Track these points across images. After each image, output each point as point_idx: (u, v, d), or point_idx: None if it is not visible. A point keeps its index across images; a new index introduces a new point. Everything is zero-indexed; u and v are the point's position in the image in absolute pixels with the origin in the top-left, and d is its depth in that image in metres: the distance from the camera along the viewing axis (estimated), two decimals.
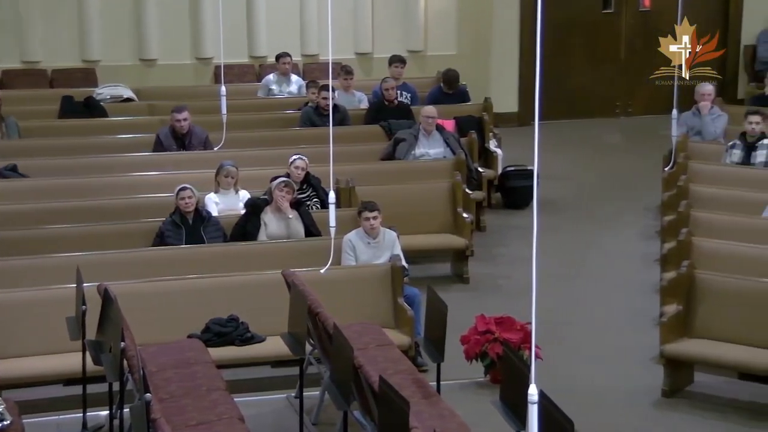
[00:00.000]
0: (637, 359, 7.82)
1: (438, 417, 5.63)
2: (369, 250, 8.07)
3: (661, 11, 14.46)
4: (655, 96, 14.24)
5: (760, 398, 6.88)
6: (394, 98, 11.56)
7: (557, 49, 14.29)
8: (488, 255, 10.12)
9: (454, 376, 7.20)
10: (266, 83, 12.71)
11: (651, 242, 10.10)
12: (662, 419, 7.01)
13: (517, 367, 5.72)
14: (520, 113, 14.36)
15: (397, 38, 13.96)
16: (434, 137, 10.64)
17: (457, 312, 7.21)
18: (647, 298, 8.79)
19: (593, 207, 11.53)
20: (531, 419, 4.05)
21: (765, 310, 7.09)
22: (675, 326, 7.29)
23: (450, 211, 9.71)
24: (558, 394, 5.11)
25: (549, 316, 7.94)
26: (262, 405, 7.09)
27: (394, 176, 10.00)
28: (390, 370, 6.08)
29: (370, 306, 7.61)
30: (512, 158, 11.59)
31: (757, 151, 9.79)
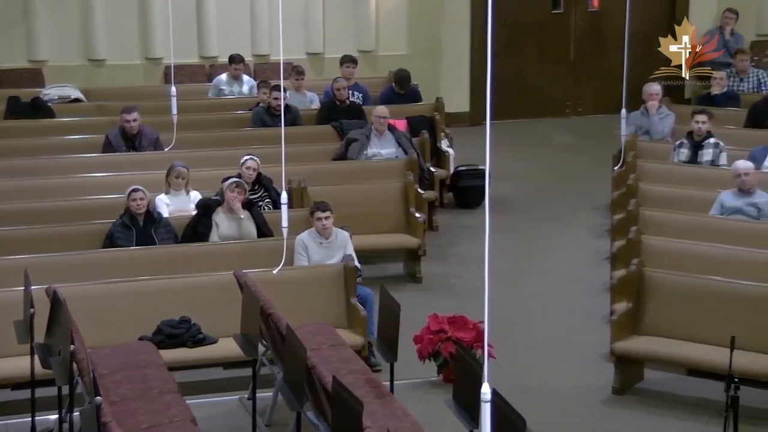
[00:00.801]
0: (588, 357, 7.89)
1: (391, 417, 5.63)
2: (321, 251, 8.06)
3: (610, 12, 14.60)
4: (604, 96, 14.39)
5: (708, 394, 6.97)
6: (346, 98, 11.55)
7: (508, 49, 14.37)
8: (441, 254, 10.15)
9: (408, 376, 7.21)
10: (217, 84, 12.64)
11: (601, 241, 10.19)
12: (612, 416, 7.08)
13: (469, 366, 5.75)
14: (472, 113, 14.41)
15: (348, 38, 13.94)
16: (386, 137, 10.65)
17: (410, 311, 7.22)
18: (598, 296, 8.87)
19: (544, 206, 11.61)
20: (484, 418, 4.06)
21: (712, 307, 7.18)
22: (625, 324, 7.37)
23: (402, 211, 9.73)
24: (510, 392, 5.13)
25: (501, 314, 7.98)
26: (214, 407, 7.05)
27: (346, 176, 10.00)
28: (343, 371, 6.08)
29: (322, 306, 7.60)
30: (464, 158, 11.64)
31: (704, 150, 9.92)
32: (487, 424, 4.03)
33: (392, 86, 12.32)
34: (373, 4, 14.12)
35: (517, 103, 14.53)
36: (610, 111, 12.73)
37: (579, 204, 11.54)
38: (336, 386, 5.21)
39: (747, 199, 8.67)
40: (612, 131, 11.68)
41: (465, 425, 5.67)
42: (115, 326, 7.18)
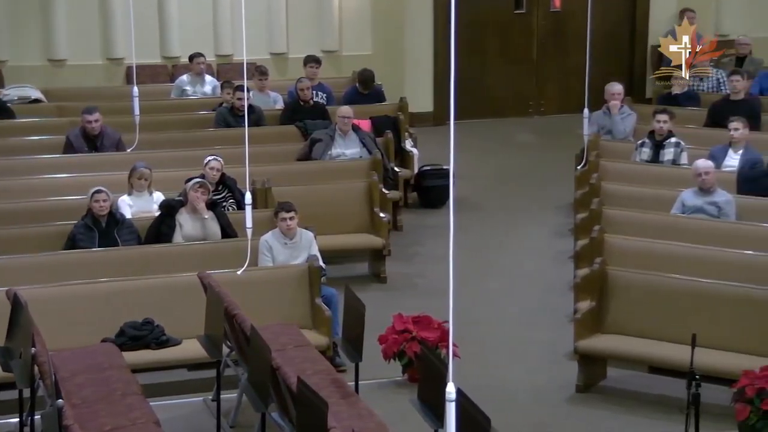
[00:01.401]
0: (552, 355, 7.93)
1: (356, 417, 5.63)
2: (286, 251, 8.05)
3: (572, 12, 14.68)
4: (566, 95, 14.47)
5: (669, 391, 7.03)
6: (310, 98, 11.54)
7: (471, 49, 14.41)
8: (405, 254, 10.16)
9: (373, 376, 7.21)
10: (180, 84, 12.57)
11: (564, 240, 10.25)
12: (576, 414, 7.12)
13: (434, 366, 5.76)
14: (436, 113, 14.44)
15: (312, 38, 13.92)
16: (350, 137, 10.65)
17: (375, 311, 7.22)
18: (561, 295, 8.92)
19: (508, 206, 11.66)
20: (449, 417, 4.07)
21: (674, 305, 7.25)
22: (588, 322, 7.42)
23: (367, 211, 9.73)
24: (475, 391, 5.15)
25: (466, 314, 8.01)
26: (178, 408, 7.02)
27: (310, 176, 9.98)
28: (308, 371, 6.07)
29: (287, 307, 7.59)
30: (428, 158, 11.66)
31: (665, 150, 10.00)
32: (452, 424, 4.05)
33: (356, 86, 12.32)
34: (336, 4, 14.11)
35: (481, 102, 14.58)
36: (573, 111, 12.80)
37: (542, 203, 11.60)
38: (301, 387, 5.21)
39: (707, 198, 8.76)
40: (574, 131, 11.74)
41: (430, 425, 5.69)
42: (78, 329, 7.12)
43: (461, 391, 4.49)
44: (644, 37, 14.99)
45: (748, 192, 9.11)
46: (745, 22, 14.50)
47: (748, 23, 14.41)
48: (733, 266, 7.66)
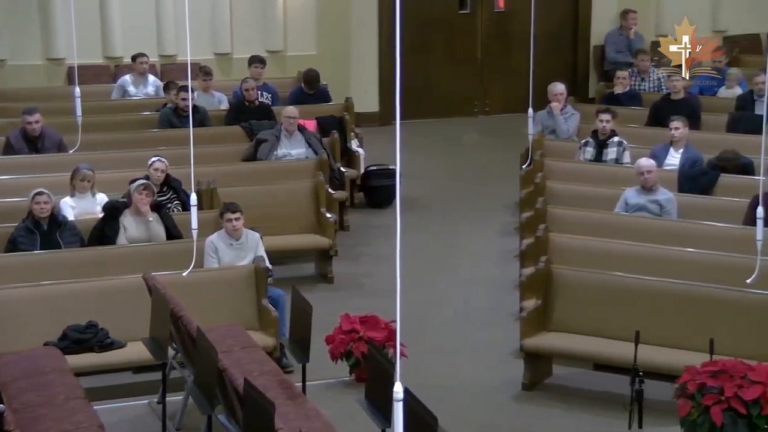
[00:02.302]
0: (498, 354, 7.98)
1: (304, 417, 5.63)
2: (232, 252, 8.00)
3: (515, 13, 14.78)
4: (511, 95, 14.55)
5: (613, 388, 7.10)
6: (255, 99, 11.49)
7: (416, 49, 14.44)
8: (352, 254, 10.16)
9: (320, 376, 7.20)
10: (122, 84, 12.44)
11: (510, 239, 10.31)
12: (522, 412, 7.17)
13: (382, 366, 5.77)
14: (381, 113, 14.46)
15: (256, 39, 13.85)
16: (296, 137, 10.63)
17: (322, 312, 7.21)
18: (507, 293, 8.98)
19: (454, 205, 11.71)
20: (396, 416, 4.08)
21: (618, 303, 7.33)
22: (534, 321, 7.47)
23: (313, 212, 9.71)
24: (422, 390, 5.17)
25: (413, 313, 8.03)
26: (123, 412, 6.95)
27: (256, 177, 9.94)
28: (255, 372, 6.05)
29: (234, 308, 7.55)
30: (374, 157, 11.67)
31: (608, 149, 10.11)
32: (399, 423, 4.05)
33: (301, 86, 12.29)
34: (280, 4, 14.06)
35: (426, 102, 14.62)
36: (517, 110, 12.87)
37: (488, 202, 11.66)
38: (247, 388, 5.19)
39: (650, 197, 8.87)
40: (519, 130, 11.81)
41: (377, 424, 5.70)
42: (20, 332, 7.02)
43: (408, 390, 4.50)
44: (587, 37, 15.14)
45: (689, 190, 9.25)
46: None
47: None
48: (675, 264, 7.77)
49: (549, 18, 14.37)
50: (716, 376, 5.79)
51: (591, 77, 15.07)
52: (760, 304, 6.99)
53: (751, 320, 6.97)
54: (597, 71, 14.96)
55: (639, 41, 14.19)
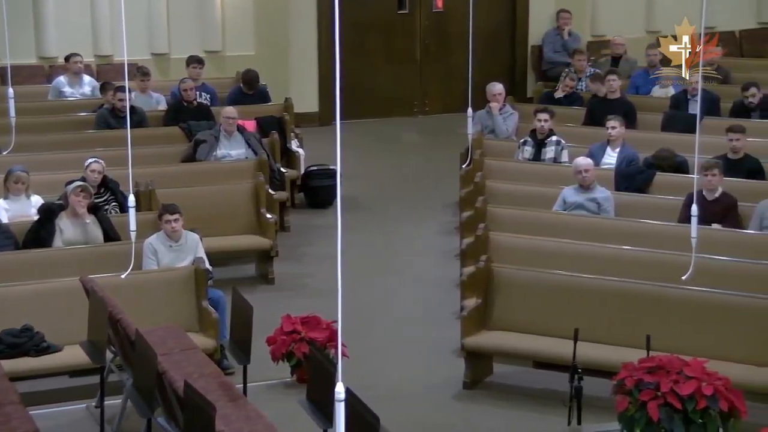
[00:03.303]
0: (439, 353, 8.01)
1: (245, 419, 5.60)
2: (171, 254, 7.94)
3: (453, 13, 14.85)
4: (450, 95, 14.63)
5: (553, 385, 7.16)
6: (193, 99, 11.41)
7: (355, 49, 14.44)
8: (293, 255, 10.13)
9: (261, 378, 7.17)
10: (57, 85, 12.26)
11: (450, 238, 10.36)
12: (463, 410, 7.21)
13: (323, 366, 5.77)
14: (321, 113, 14.44)
15: (194, 39, 13.74)
16: (235, 138, 10.57)
17: (263, 313, 7.19)
18: (448, 292, 9.02)
19: (395, 205, 11.73)
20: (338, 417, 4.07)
21: (557, 301, 7.41)
22: (475, 319, 7.52)
23: (253, 212, 9.67)
24: (364, 390, 5.18)
25: (354, 313, 8.01)
26: (59, 416, 6.86)
27: (195, 178, 9.87)
28: (195, 374, 6.01)
29: (173, 310, 7.49)
30: (314, 158, 11.65)
31: (547, 148, 10.21)
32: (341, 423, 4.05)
33: (240, 86, 12.23)
34: (218, 4, 13.96)
35: (366, 103, 14.62)
36: (457, 110, 12.95)
37: (428, 202, 11.71)
38: (187, 390, 5.15)
39: (587, 195, 8.97)
40: (459, 130, 11.89)
41: (319, 425, 5.69)
42: None
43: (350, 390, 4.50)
44: (524, 37, 15.26)
45: (626, 189, 9.37)
46: (620, 23, 14.91)
47: (623, 24, 14.82)
48: (613, 261, 7.87)
49: (487, 18, 14.46)
50: (653, 372, 5.87)
51: (529, 77, 15.20)
52: (695, 301, 7.11)
53: (686, 316, 7.09)
54: (535, 71, 15.09)
55: (575, 41, 14.34)
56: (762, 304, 6.98)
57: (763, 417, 6.34)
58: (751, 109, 10.93)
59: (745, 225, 8.54)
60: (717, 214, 8.52)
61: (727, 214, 8.56)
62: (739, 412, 5.75)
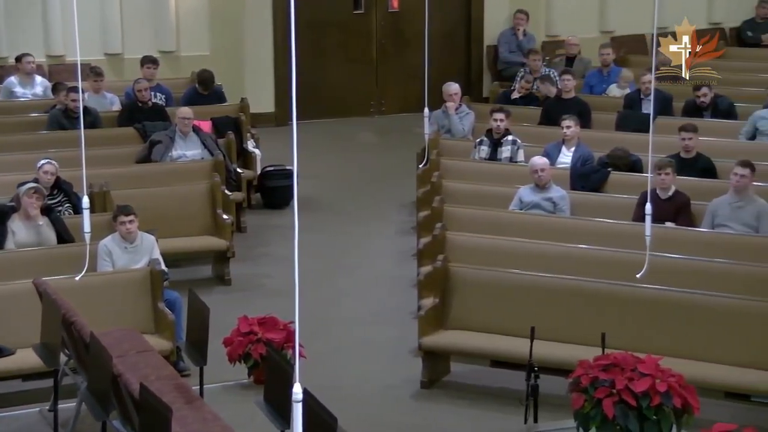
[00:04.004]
0: (397, 353, 8.02)
1: (201, 421, 5.57)
2: (126, 255, 7.88)
3: (409, 13, 14.87)
4: (406, 95, 14.65)
5: (510, 384, 7.20)
6: (148, 99, 11.32)
7: (311, 49, 14.42)
8: (250, 256, 10.09)
9: (218, 379, 7.13)
10: (8, 85, 12.10)
11: (408, 238, 10.38)
12: (421, 410, 7.23)
13: (280, 367, 5.75)
14: (277, 113, 14.38)
15: (148, 39, 13.62)
16: (191, 139, 10.51)
17: (220, 314, 7.15)
18: (405, 292, 9.03)
19: (352, 205, 11.72)
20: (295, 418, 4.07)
21: (514, 300, 7.44)
22: (432, 319, 7.54)
23: (209, 213, 9.62)
24: (322, 391, 5.17)
25: (312, 314, 8.01)
26: (12, 421, 6.78)
27: (150, 179, 9.80)
28: (151, 377, 5.97)
29: (129, 312, 7.44)
30: (271, 158, 11.61)
31: (503, 147, 10.26)
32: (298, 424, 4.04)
33: (195, 87, 12.16)
34: (172, 4, 13.86)
35: (322, 103, 14.60)
36: (413, 110, 12.98)
37: (386, 202, 11.71)
38: (143, 393, 5.11)
39: (543, 194, 9.03)
40: (415, 130, 11.91)
41: (276, 426, 5.67)
42: None
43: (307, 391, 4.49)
44: (480, 37, 15.31)
45: (581, 188, 9.45)
46: (574, 23, 15.02)
47: (576, 24, 14.93)
48: (569, 260, 7.92)
49: (443, 18, 14.50)
50: (608, 370, 5.92)
51: (485, 77, 15.26)
52: (650, 299, 7.19)
53: (640, 314, 7.16)
54: (491, 71, 15.15)
55: (530, 41, 14.43)
56: (714, 302, 7.07)
57: (716, 412, 6.42)
58: (703, 109, 11.06)
59: (697, 223, 8.64)
60: (670, 212, 8.61)
61: (680, 213, 8.66)
62: (692, 408, 5.82)
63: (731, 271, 7.60)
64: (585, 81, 12.69)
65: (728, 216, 8.47)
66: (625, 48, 14.44)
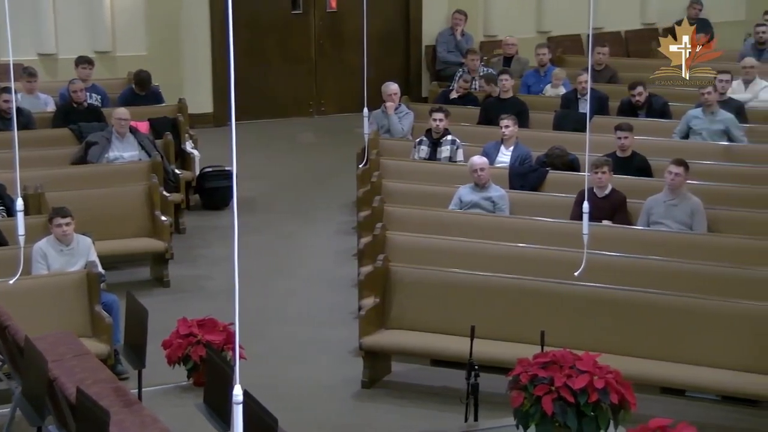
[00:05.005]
0: (338, 353, 8.02)
1: (140, 425, 5.52)
2: (62, 258, 7.77)
3: (348, 13, 14.87)
4: (346, 95, 14.64)
5: (451, 383, 7.24)
6: (84, 100, 11.19)
7: (250, 49, 14.35)
8: (189, 257, 10.01)
9: (157, 382, 7.06)
10: None
11: (348, 237, 10.38)
12: (362, 409, 7.23)
13: (220, 369, 5.72)
14: (216, 114, 14.29)
15: (83, 39, 13.44)
16: (128, 140, 10.40)
17: (159, 316, 7.09)
18: (346, 292, 9.03)
19: (292, 205, 11.69)
20: (236, 420, 4.04)
21: (454, 299, 7.48)
22: (373, 319, 7.54)
23: (147, 215, 9.53)
24: (262, 392, 5.15)
25: (252, 315, 7.97)
26: None
27: (87, 180, 9.69)
28: (88, 381, 5.89)
29: (65, 315, 7.34)
30: (209, 159, 11.53)
31: (442, 147, 10.30)
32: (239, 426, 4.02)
33: (132, 87, 12.03)
34: (108, 3, 13.70)
35: (261, 103, 14.54)
36: (353, 110, 12.98)
37: (326, 202, 11.70)
38: (80, 397, 5.04)
39: (483, 194, 9.09)
40: (355, 130, 11.91)
41: (216, 428, 5.63)
42: None
43: (248, 392, 4.47)
44: (418, 37, 15.36)
45: (520, 187, 9.52)
46: (511, 23, 15.14)
47: (514, 25, 15.06)
48: (508, 259, 7.98)
49: (381, 18, 14.53)
50: (547, 367, 5.96)
51: (424, 77, 15.32)
52: (587, 296, 7.27)
53: (579, 312, 7.24)
54: (430, 71, 15.21)
55: (468, 41, 14.51)
56: (650, 298, 7.17)
57: (652, 408, 6.52)
58: (638, 108, 11.22)
59: (633, 221, 8.76)
60: (607, 210, 8.72)
61: (616, 211, 8.77)
62: (629, 404, 5.89)
63: (666, 268, 7.73)
64: (522, 81, 12.80)
65: (663, 214, 8.60)
66: (561, 48, 14.60)
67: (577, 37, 15.39)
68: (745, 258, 7.84)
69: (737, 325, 6.94)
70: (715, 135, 10.47)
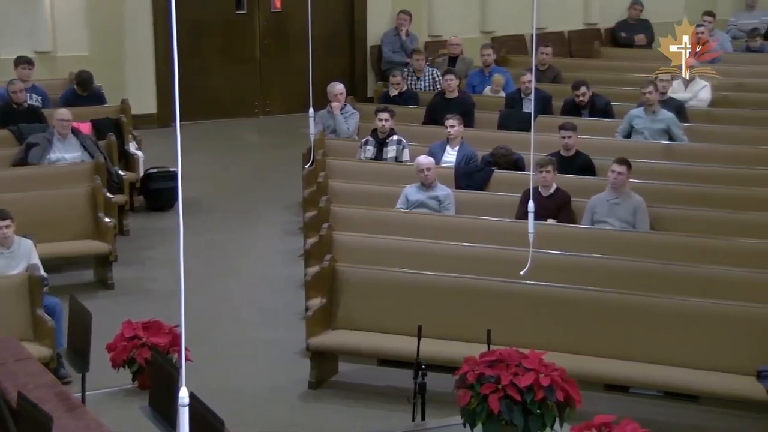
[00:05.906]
0: (285, 354, 7.99)
1: (84, 429, 5.46)
2: (2, 261, 7.68)
3: (292, 13, 14.83)
4: (291, 95, 14.60)
5: (398, 382, 7.24)
6: (23, 101, 11.04)
7: (193, 49, 14.24)
8: (133, 259, 9.92)
9: (101, 386, 6.99)
10: None
11: (294, 238, 10.35)
12: (309, 411, 7.22)
13: (166, 371, 5.67)
14: (160, 114, 14.16)
15: (22, 39, 13.22)
16: (70, 141, 10.28)
17: (103, 319, 7.01)
18: (293, 293, 9.01)
19: (237, 206, 11.63)
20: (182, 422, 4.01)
21: (401, 298, 7.50)
22: (320, 319, 7.53)
23: (91, 216, 9.43)
24: (209, 394, 5.12)
25: (198, 316, 7.93)
26: None
27: (27, 182, 9.57)
28: (30, 385, 5.82)
29: (6, 319, 7.25)
30: (154, 160, 11.43)
31: (388, 147, 10.32)
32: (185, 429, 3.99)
33: (74, 88, 11.88)
34: (47, 3, 13.51)
35: (205, 103, 14.44)
36: (298, 110, 12.94)
37: (272, 203, 11.66)
38: (22, 402, 4.98)
39: (429, 193, 9.12)
40: (300, 130, 11.88)
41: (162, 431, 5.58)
42: None
43: (194, 395, 4.44)
44: (363, 37, 15.36)
45: (466, 186, 9.57)
46: (456, 23, 15.21)
47: (458, 25, 15.13)
48: (454, 258, 8.02)
49: (326, 18, 14.51)
50: (493, 366, 6.00)
51: (369, 77, 15.32)
52: (533, 295, 7.33)
53: (524, 310, 7.30)
54: (375, 71, 15.22)
55: (413, 41, 14.56)
56: (594, 296, 7.25)
57: (596, 405, 6.58)
58: (581, 108, 11.34)
59: (578, 220, 8.85)
60: (552, 209, 8.80)
61: (561, 210, 8.86)
62: (574, 401, 5.95)
63: (610, 266, 7.82)
64: (467, 81, 12.87)
65: (606, 212, 8.70)
66: (505, 48, 14.70)
67: (521, 37, 15.50)
68: (687, 255, 7.96)
69: (679, 321, 7.04)
70: (656, 134, 10.62)
